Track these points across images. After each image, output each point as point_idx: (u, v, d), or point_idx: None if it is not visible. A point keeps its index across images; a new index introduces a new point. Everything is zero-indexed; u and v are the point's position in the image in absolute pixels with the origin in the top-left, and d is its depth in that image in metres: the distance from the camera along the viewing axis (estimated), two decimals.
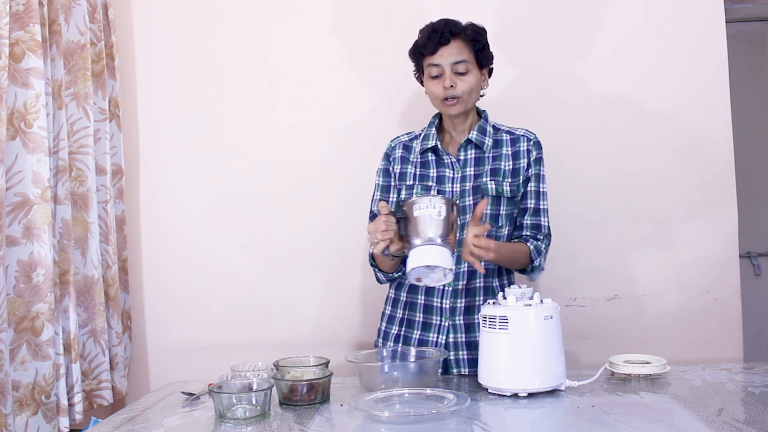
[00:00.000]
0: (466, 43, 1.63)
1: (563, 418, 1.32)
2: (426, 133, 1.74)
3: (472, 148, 1.70)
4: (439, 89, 1.64)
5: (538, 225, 1.69)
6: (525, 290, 1.48)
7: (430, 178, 1.70)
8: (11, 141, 1.75)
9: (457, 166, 1.70)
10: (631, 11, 2.18)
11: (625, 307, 2.17)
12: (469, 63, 1.63)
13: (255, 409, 1.36)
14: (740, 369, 1.61)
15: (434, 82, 1.65)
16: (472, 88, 1.64)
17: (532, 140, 1.72)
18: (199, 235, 2.25)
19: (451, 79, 1.62)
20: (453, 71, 1.62)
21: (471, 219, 1.48)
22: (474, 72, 1.64)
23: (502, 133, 1.73)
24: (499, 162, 1.69)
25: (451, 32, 1.62)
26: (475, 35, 1.64)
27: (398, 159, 1.75)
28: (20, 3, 1.76)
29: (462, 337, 1.68)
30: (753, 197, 2.73)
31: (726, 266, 2.16)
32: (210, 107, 2.26)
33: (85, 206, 2.01)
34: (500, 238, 1.68)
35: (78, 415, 1.88)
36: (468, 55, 1.63)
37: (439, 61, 1.63)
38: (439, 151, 1.71)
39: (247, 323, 2.24)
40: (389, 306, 1.78)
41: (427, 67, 1.66)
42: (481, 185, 1.67)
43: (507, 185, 1.67)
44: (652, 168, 2.17)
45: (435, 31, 1.63)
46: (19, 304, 1.75)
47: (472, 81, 1.63)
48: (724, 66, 2.15)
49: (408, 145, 1.77)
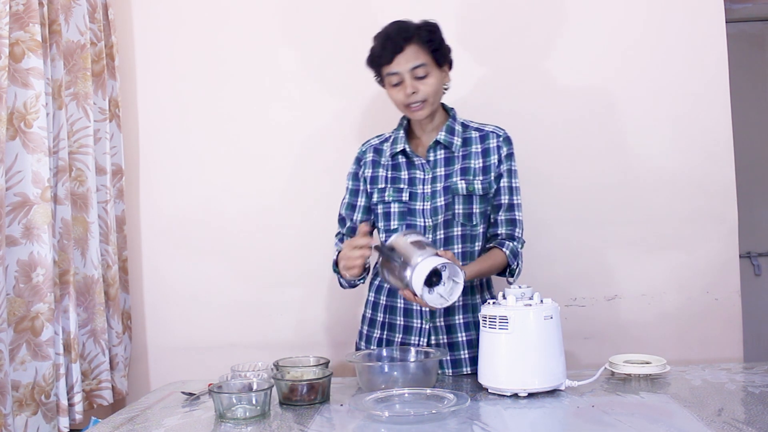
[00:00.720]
0: (421, 45, 1.59)
1: (563, 418, 1.32)
2: (395, 136, 1.74)
3: (441, 149, 1.70)
4: (401, 96, 1.62)
5: (513, 220, 1.70)
6: (525, 290, 1.48)
7: (402, 180, 1.70)
8: (11, 141, 1.75)
9: (428, 168, 1.69)
10: (632, 11, 2.18)
11: (625, 307, 2.17)
12: (427, 65, 1.60)
13: (255, 409, 1.35)
14: (740, 369, 1.61)
15: (396, 89, 1.63)
16: (435, 90, 1.62)
17: (501, 136, 1.71)
18: (199, 235, 2.25)
19: (412, 86, 1.60)
20: (413, 77, 1.59)
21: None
22: (434, 73, 1.61)
23: (471, 130, 1.73)
24: (469, 160, 1.69)
25: (404, 38, 1.58)
26: (429, 35, 1.60)
27: (369, 163, 1.75)
28: (20, 3, 1.76)
29: (443, 339, 1.68)
30: (753, 197, 2.73)
31: (726, 266, 2.16)
32: (210, 107, 2.26)
33: (85, 206, 2.01)
34: (476, 236, 1.69)
35: (78, 415, 1.88)
36: (425, 57, 1.60)
37: (396, 69, 1.60)
38: (408, 153, 1.71)
39: (247, 323, 2.24)
40: (369, 309, 1.78)
41: (386, 76, 1.63)
42: (451, 185, 1.67)
43: (478, 183, 1.67)
44: (651, 168, 2.17)
45: (388, 38, 1.59)
46: (19, 304, 1.75)
47: (433, 83, 1.61)
48: (724, 66, 2.16)
49: (379, 148, 1.77)
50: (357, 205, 1.76)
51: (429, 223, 1.67)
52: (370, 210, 1.76)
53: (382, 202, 1.71)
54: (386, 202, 1.70)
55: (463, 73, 1.85)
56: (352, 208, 1.77)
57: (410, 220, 1.68)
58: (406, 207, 1.69)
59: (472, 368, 1.68)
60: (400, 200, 1.69)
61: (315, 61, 2.24)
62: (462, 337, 1.69)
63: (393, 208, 1.70)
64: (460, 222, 1.67)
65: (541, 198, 2.18)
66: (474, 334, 1.69)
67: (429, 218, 1.67)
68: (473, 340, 1.68)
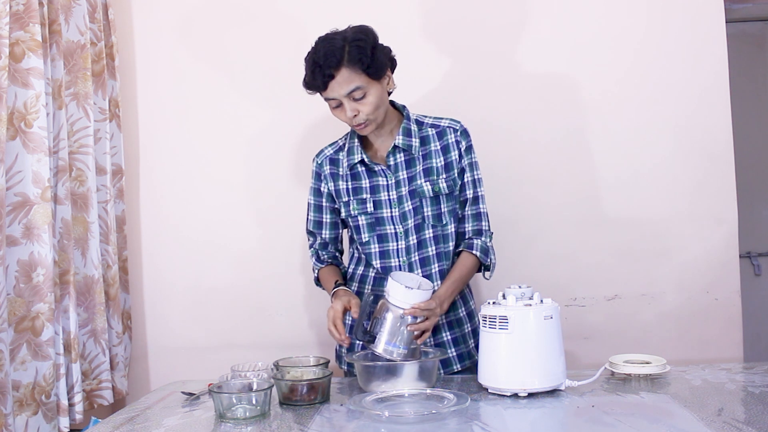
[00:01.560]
0: (352, 67, 1.51)
1: (563, 418, 1.32)
2: (350, 145, 1.70)
3: (399, 152, 1.67)
4: (343, 117, 1.58)
5: (478, 214, 1.70)
6: (525, 290, 1.48)
7: (364, 189, 1.68)
8: (11, 141, 1.75)
9: (389, 173, 1.67)
10: (632, 11, 2.17)
11: (625, 307, 2.17)
12: (363, 86, 1.53)
13: (255, 409, 1.36)
14: (740, 369, 1.61)
15: (337, 110, 1.59)
16: (376, 106, 1.56)
17: (458, 130, 1.69)
18: (199, 235, 2.25)
19: (351, 109, 1.55)
20: (350, 99, 1.54)
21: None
22: (372, 90, 1.55)
23: (427, 127, 1.70)
24: (430, 160, 1.67)
25: (334, 65, 1.50)
26: (359, 53, 1.51)
27: (329, 176, 1.72)
28: (20, 3, 1.76)
29: (429, 340, 1.68)
30: (753, 197, 2.73)
31: (726, 266, 2.16)
32: (210, 107, 2.26)
33: (85, 206, 2.01)
34: (448, 235, 1.68)
35: (78, 415, 1.88)
36: (359, 79, 1.52)
37: (332, 95, 1.54)
38: (367, 163, 1.68)
39: (247, 323, 2.24)
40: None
41: (325, 99, 1.58)
42: (417, 188, 1.66)
43: (443, 182, 1.66)
44: (651, 168, 2.17)
45: (317, 66, 1.51)
46: (19, 304, 1.75)
47: (372, 101, 1.55)
48: (724, 66, 2.16)
49: (334, 158, 1.73)
50: (323, 222, 1.76)
51: (400, 229, 1.66)
52: (337, 225, 1.76)
53: (349, 216, 1.70)
54: (353, 215, 1.69)
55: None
56: (318, 226, 1.76)
57: (380, 230, 1.67)
58: (373, 217, 1.67)
59: (461, 365, 1.69)
60: (365, 212, 1.68)
61: None
62: (447, 336, 1.70)
63: (361, 220, 1.68)
64: (431, 224, 1.66)
65: (542, 198, 2.18)
66: (458, 332, 1.70)
67: (399, 224, 1.66)
68: (458, 338, 1.70)
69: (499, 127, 2.18)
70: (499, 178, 2.16)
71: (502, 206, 2.14)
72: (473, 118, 2.15)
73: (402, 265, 1.66)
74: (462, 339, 1.71)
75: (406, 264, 1.65)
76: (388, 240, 1.67)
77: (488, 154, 2.15)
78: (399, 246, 1.66)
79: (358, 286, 1.73)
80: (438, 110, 1.86)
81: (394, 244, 1.66)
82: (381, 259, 1.67)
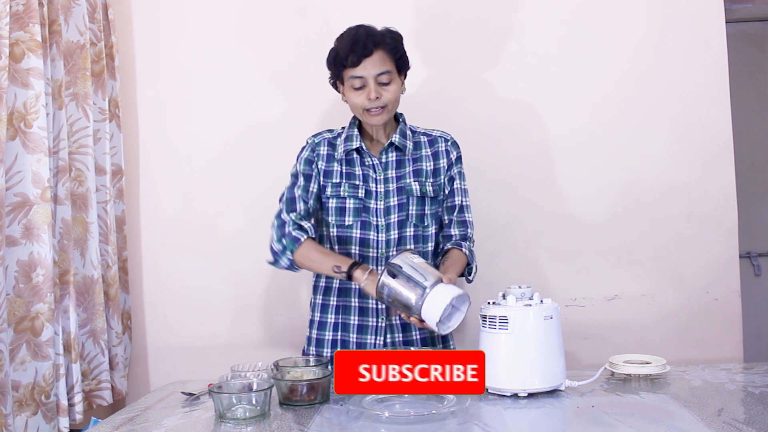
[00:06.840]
0: (387, 52, 1.63)
1: (563, 418, 1.32)
2: (348, 133, 1.75)
3: (393, 151, 1.73)
4: (361, 100, 1.63)
5: (464, 221, 1.76)
6: (525, 290, 1.48)
7: (356, 176, 1.72)
8: (11, 141, 1.75)
9: (379, 169, 1.72)
10: (632, 12, 2.18)
11: (625, 307, 2.17)
12: (391, 73, 1.63)
13: (255, 409, 1.36)
14: (740, 369, 1.61)
15: (357, 92, 1.64)
16: (395, 97, 1.66)
17: (449, 141, 1.77)
18: (199, 235, 2.25)
19: (376, 91, 1.62)
20: (377, 82, 1.62)
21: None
22: (396, 80, 1.65)
23: (419, 135, 1.78)
24: (421, 163, 1.74)
25: (373, 43, 1.60)
26: (395, 43, 1.64)
27: (324, 156, 1.75)
28: (20, 3, 1.76)
29: (399, 337, 1.71)
30: (753, 197, 2.73)
31: (726, 266, 2.16)
32: (210, 106, 2.26)
33: (85, 206, 2.01)
34: (427, 237, 1.73)
35: (78, 415, 1.88)
36: (390, 65, 1.63)
37: (362, 73, 1.61)
38: (362, 152, 1.73)
39: (247, 323, 2.24)
40: (318, 313, 1.77)
41: (349, 79, 1.63)
42: (405, 186, 1.71)
43: (429, 185, 1.72)
44: (651, 168, 2.17)
45: (357, 41, 1.60)
46: (19, 304, 1.75)
47: (395, 89, 1.65)
48: (724, 66, 2.16)
49: (332, 142, 1.76)
50: (310, 191, 1.73)
51: (381, 222, 1.70)
52: (319, 199, 1.75)
53: (337, 196, 1.71)
54: (341, 197, 1.71)
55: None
56: (306, 192, 1.72)
57: (364, 217, 1.70)
58: (362, 203, 1.71)
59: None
60: (356, 196, 1.71)
61: (316, 61, 2.23)
62: (416, 336, 1.72)
63: (348, 203, 1.71)
64: (413, 223, 1.71)
65: (542, 198, 2.18)
66: (427, 331, 1.71)
67: (382, 218, 1.70)
68: (427, 338, 1.73)
69: (502, 126, 2.18)
70: (500, 178, 2.16)
71: (502, 206, 2.15)
72: (477, 117, 2.18)
73: (380, 257, 1.69)
74: (431, 340, 1.74)
75: (384, 257, 1.68)
76: (370, 229, 1.70)
77: (489, 153, 2.16)
78: (379, 238, 1.70)
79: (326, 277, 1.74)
80: (438, 110, 1.86)
81: (375, 235, 1.70)
82: (360, 246, 1.70)
